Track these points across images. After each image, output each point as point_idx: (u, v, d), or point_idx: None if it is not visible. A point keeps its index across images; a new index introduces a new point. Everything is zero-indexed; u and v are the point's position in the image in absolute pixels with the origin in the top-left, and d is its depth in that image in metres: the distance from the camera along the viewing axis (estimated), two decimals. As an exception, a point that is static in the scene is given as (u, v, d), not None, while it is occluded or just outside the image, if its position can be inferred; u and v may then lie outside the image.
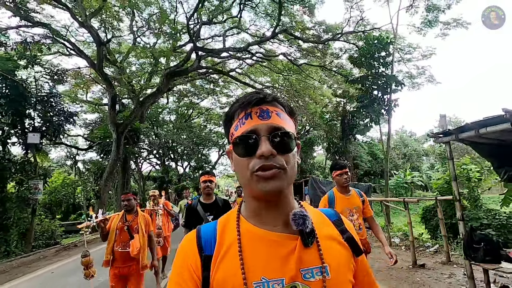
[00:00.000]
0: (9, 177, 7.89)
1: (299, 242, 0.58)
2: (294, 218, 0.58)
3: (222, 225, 0.65)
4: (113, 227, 2.86)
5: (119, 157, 11.82)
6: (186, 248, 0.63)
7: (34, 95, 7.97)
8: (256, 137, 0.57)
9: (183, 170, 27.06)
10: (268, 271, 0.56)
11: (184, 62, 10.40)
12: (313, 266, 0.58)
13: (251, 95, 0.62)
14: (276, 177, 0.56)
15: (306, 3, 9.39)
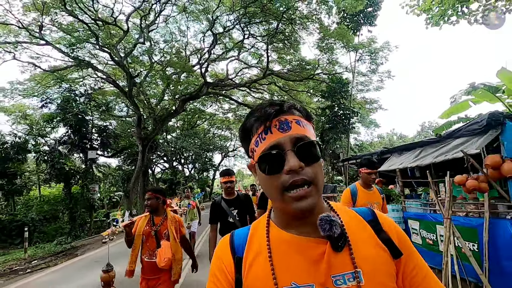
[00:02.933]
0: (75, 182, 11.89)
1: (328, 246, 0.59)
2: (320, 223, 0.59)
3: (253, 229, 0.69)
4: (138, 231, 2.67)
5: (144, 164, 15.82)
6: (221, 250, 0.69)
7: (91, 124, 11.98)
8: (280, 152, 0.58)
9: (189, 172, 31.16)
10: (297, 276, 0.58)
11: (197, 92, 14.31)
12: (344, 272, 0.57)
13: (267, 107, 0.62)
14: (308, 196, 0.57)
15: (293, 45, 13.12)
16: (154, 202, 2.71)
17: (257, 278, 0.60)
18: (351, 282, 0.56)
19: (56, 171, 11.21)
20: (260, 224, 0.70)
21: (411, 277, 0.61)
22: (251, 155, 0.66)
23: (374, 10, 11.65)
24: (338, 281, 0.57)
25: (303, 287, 0.57)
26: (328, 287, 0.57)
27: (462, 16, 7.73)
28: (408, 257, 0.63)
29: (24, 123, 17.91)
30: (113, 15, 13.53)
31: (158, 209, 2.74)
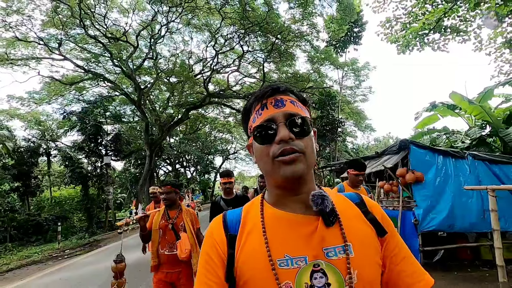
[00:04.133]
0: (92, 184, 13.71)
1: (320, 221, 0.64)
2: (312, 198, 0.65)
3: (246, 210, 0.75)
4: (154, 225, 2.75)
5: (151, 167, 17.63)
6: (213, 228, 0.74)
7: (105, 132, 13.80)
8: (274, 124, 0.65)
9: (191, 175, 32.98)
10: (291, 249, 0.63)
11: (200, 102, 16.12)
12: (335, 245, 0.63)
13: (264, 87, 0.71)
14: (297, 161, 0.63)
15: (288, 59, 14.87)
16: (172, 196, 2.82)
17: (251, 252, 0.65)
18: (341, 254, 0.62)
19: (76, 175, 13.04)
20: (253, 204, 0.75)
21: (392, 255, 0.68)
22: (249, 133, 0.73)
23: (359, 31, 13.40)
24: (329, 253, 0.62)
25: (296, 259, 0.62)
26: (320, 259, 0.61)
27: (425, 45, 9.48)
28: (391, 237, 0.70)
29: (37, 128, 19.79)
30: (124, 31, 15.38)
31: (174, 203, 2.86)
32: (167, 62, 18.26)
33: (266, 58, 14.92)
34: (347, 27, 11.26)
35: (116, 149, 14.00)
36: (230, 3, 12.76)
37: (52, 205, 19.67)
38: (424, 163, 4.83)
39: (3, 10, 13.25)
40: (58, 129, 19.20)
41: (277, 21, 12.02)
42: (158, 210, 2.88)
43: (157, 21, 15.52)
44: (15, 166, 17.14)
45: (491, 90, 8.84)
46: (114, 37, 14.90)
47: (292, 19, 12.31)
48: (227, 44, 16.53)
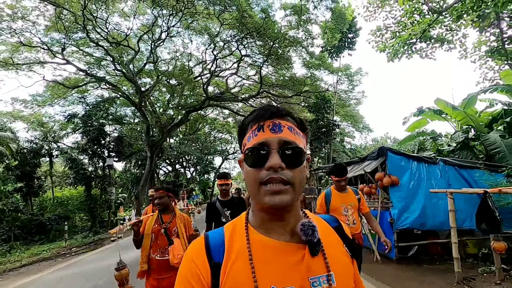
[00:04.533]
0: (95, 185, 14.35)
1: (307, 251, 0.65)
2: (303, 228, 0.66)
3: (229, 232, 0.72)
4: (147, 230, 2.73)
5: (152, 168, 18.25)
6: (195, 254, 0.70)
7: (108, 135, 14.43)
8: (267, 149, 0.65)
9: (191, 175, 33.66)
10: (278, 280, 0.63)
11: (199, 105, 16.76)
12: (320, 275, 0.64)
13: (265, 108, 0.70)
14: (283, 192, 0.63)
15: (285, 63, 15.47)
16: (165, 201, 2.81)
17: (237, 283, 0.63)
18: (325, 284, 0.64)
19: (80, 176, 13.68)
20: (237, 227, 0.73)
21: (356, 277, 0.74)
22: (243, 150, 0.73)
23: (353, 37, 14.00)
24: (315, 283, 0.63)
25: None
26: None
27: (413, 53, 10.08)
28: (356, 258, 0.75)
29: (39, 130, 20.43)
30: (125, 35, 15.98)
31: (168, 208, 2.85)
32: (167, 65, 18.89)
33: (264, 62, 15.53)
34: (340, 35, 11.83)
35: (118, 151, 14.62)
36: (229, 9, 13.34)
37: (54, 205, 20.34)
38: (399, 168, 5.45)
39: (9, 17, 13.84)
40: (61, 130, 19.88)
41: (274, 27, 12.62)
42: (151, 215, 2.85)
43: (158, 25, 16.11)
44: (18, 167, 17.80)
45: (474, 96, 9.43)
46: (115, 41, 15.50)
47: (288, 26, 12.91)
48: (226, 47, 17.14)
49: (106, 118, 14.46)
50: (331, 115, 14.73)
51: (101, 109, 14.32)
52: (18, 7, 13.78)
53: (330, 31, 11.33)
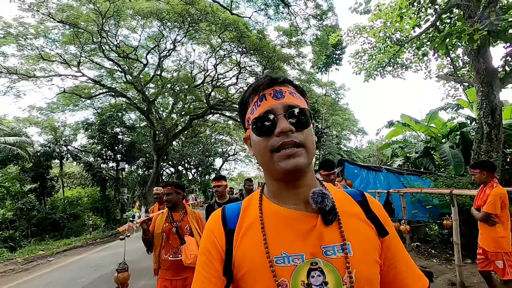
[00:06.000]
0: (109, 186, 16.70)
1: (319, 219, 0.67)
2: (313, 196, 0.67)
3: (245, 204, 0.78)
4: (157, 229, 2.72)
5: (158, 170, 20.61)
6: (212, 222, 0.77)
7: (121, 141, 16.78)
8: (273, 116, 0.67)
9: (192, 176, 36.06)
10: (288, 246, 0.66)
11: (202, 113, 19.11)
12: (334, 244, 0.65)
13: (262, 78, 0.73)
14: (297, 155, 0.65)
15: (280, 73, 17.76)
16: (174, 197, 2.78)
17: (249, 248, 0.68)
18: (340, 253, 0.64)
19: (96, 178, 16.06)
20: (252, 199, 0.78)
21: (392, 257, 0.72)
22: (247, 125, 0.75)
23: (340, 54, 16.22)
24: (328, 252, 0.64)
25: (293, 256, 0.65)
26: (318, 257, 0.64)
27: (385, 74, 12.33)
28: (391, 238, 0.72)
29: (51, 134, 22.80)
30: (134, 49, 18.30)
31: (177, 205, 2.82)
32: (171, 73, 21.21)
33: (262, 72, 17.78)
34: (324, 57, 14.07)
35: (130, 156, 16.98)
36: (229, 29, 15.56)
37: (65, 204, 22.69)
38: (353, 174, 7.74)
39: (32, 35, 16.22)
40: (73, 135, 22.29)
41: (269, 46, 14.89)
42: (161, 212, 2.85)
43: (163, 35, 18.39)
44: (33, 168, 20.28)
45: (435, 112, 11.68)
46: (125, 55, 17.80)
47: (281, 45, 15.19)
48: (226, 56, 19.41)
49: (120, 126, 16.79)
50: (320, 124, 16.96)
51: (114, 118, 16.64)
52: (41, 27, 16.11)
53: (316, 53, 13.57)
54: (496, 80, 6.78)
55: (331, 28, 12.95)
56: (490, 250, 3.22)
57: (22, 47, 16.15)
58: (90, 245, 11.46)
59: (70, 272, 6.99)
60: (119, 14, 15.93)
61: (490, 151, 6.41)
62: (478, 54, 6.86)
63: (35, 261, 8.78)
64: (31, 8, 14.57)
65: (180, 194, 2.85)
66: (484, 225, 3.32)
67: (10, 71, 16.55)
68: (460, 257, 4.27)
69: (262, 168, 0.74)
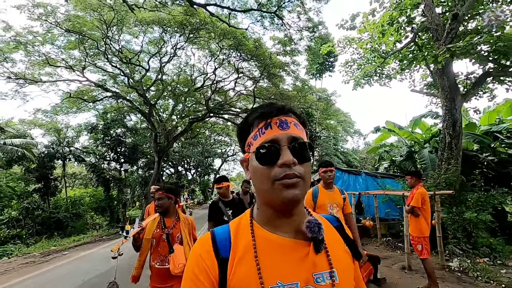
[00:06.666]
0: (113, 186, 17.88)
1: (311, 248, 0.71)
2: (309, 225, 0.72)
3: (234, 229, 0.79)
4: (147, 234, 2.69)
5: (159, 171, 21.79)
6: (202, 249, 0.76)
7: (124, 144, 17.96)
8: (277, 146, 0.70)
9: (192, 176, 37.27)
10: (283, 275, 0.69)
11: (202, 117, 20.29)
12: (323, 271, 0.71)
13: (269, 106, 0.76)
14: (297, 186, 0.69)
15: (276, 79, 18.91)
16: (165, 202, 2.74)
17: (243, 278, 0.69)
18: (328, 280, 0.70)
19: (101, 179, 17.25)
20: (241, 224, 0.79)
21: (357, 279, 0.81)
22: (247, 149, 0.77)
23: (333, 61, 17.37)
24: (318, 279, 0.69)
25: (288, 285, 0.67)
26: (310, 284, 0.68)
27: (372, 83, 13.47)
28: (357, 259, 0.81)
29: (54, 135, 23.97)
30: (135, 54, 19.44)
31: (169, 211, 2.79)
32: (172, 77, 22.39)
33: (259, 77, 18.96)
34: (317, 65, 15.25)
35: (133, 158, 18.15)
36: (227, 37, 16.69)
37: (68, 204, 23.86)
38: (336, 177, 8.89)
39: (39, 42, 17.38)
40: (77, 136, 23.48)
41: (265, 54, 16.05)
42: (153, 218, 2.82)
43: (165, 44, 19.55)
44: (37, 169, 21.46)
45: (418, 119, 12.82)
46: (128, 60, 18.94)
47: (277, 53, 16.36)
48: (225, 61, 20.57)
49: (122, 127, 17.95)
50: (314, 128, 18.11)
51: (118, 122, 17.81)
52: (48, 35, 17.27)
53: (309, 62, 14.73)
54: (458, 96, 7.94)
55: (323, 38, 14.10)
56: (415, 235, 4.40)
57: (30, 54, 17.28)
58: (98, 241, 12.64)
59: (86, 262, 8.17)
60: (123, 22, 17.09)
61: (450, 158, 7.57)
62: (443, 73, 8.01)
63: (51, 254, 9.96)
64: (40, 18, 15.73)
65: (171, 199, 2.79)
66: (412, 217, 4.50)
67: (19, 76, 17.71)
68: (408, 246, 5.45)
69: (257, 194, 0.77)
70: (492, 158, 10.43)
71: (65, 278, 6.63)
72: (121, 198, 17.74)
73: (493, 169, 10.57)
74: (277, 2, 12.77)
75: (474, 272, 5.16)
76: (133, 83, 18.75)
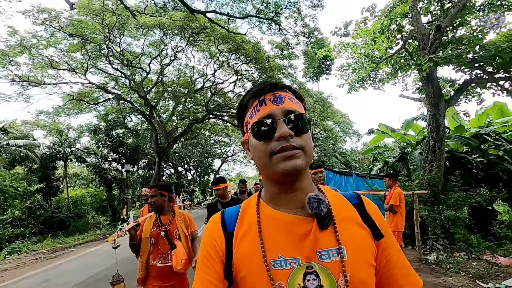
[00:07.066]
0: (115, 187, 18.52)
1: (315, 224, 0.71)
2: (308, 201, 0.71)
3: (244, 208, 0.83)
4: (145, 233, 2.68)
5: (159, 172, 22.44)
6: (212, 226, 0.83)
7: (126, 145, 18.60)
8: (273, 121, 0.71)
9: (192, 176, 37.92)
10: (285, 250, 0.70)
11: (202, 118, 20.93)
12: (329, 248, 0.70)
13: (262, 83, 0.77)
14: (295, 157, 0.69)
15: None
16: (158, 200, 2.73)
17: (247, 251, 0.72)
18: (335, 257, 0.69)
19: (104, 179, 17.89)
20: (250, 203, 0.83)
21: (387, 259, 0.75)
22: (245, 130, 0.79)
23: (329, 64, 18.00)
24: (323, 256, 0.69)
25: (289, 260, 0.69)
26: (313, 261, 0.69)
27: (366, 87, 14.08)
28: (387, 240, 0.77)
29: (56, 136, 24.61)
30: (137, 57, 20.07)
31: (163, 208, 2.78)
32: (172, 80, 23.05)
33: (258, 80, 19.62)
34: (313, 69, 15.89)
35: (134, 158, 18.81)
36: (226, 41, 17.33)
37: (70, 204, 24.49)
38: (328, 178, 9.48)
39: (43, 46, 18.02)
40: (78, 137, 24.12)
41: (263, 57, 16.69)
42: (149, 216, 2.81)
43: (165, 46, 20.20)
44: (39, 169, 22.10)
45: (411, 121, 13.44)
46: (129, 63, 19.58)
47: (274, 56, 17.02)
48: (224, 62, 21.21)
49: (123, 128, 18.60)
50: (312, 130, 18.74)
51: (120, 123, 18.46)
52: (52, 39, 17.91)
53: (305, 66, 15.37)
54: (442, 102, 8.57)
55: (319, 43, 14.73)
56: (392, 230, 5.04)
57: (34, 57, 17.91)
58: (102, 239, 13.28)
59: (93, 258, 8.82)
60: (124, 26, 17.73)
61: (433, 160, 8.20)
62: (428, 80, 8.64)
63: (58, 251, 10.60)
64: (44, 23, 16.36)
65: (165, 196, 2.78)
66: (390, 214, 5.14)
67: (23, 79, 18.35)
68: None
69: (260, 171, 0.79)
70: (481, 159, 11.08)
71: (76, 271, 7.28)
72: (123, 198, 18.37)
73: (482, 170, 11.24)
74: (274, 8, 13.38)
75: (447, 264, 5.80)
76: (134, 85, 19.39)
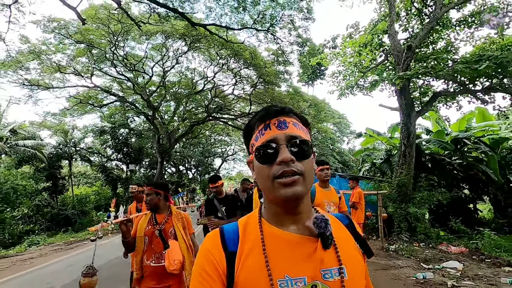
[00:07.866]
0: (120, 185, 19.97)
1: (319, 244, 0.74)
2: (316, 221, 0.74)
3: (243, 226, 0.83)
4: (139, 232, 2.65)
5: (161, 171, 23.89)
6: (210, 244, 0.81)
7: (130, 144, 20.05)
8: (276, 145, 0.75)
9: (192, 175, 39.36)
10: (290, 270, 0.72)
11: (202, 120, 22.35)
12: (332, 267, 0.73)
13: (268, 108, 0.81)
14: (296, 183, 0.72)
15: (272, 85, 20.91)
16: (153, 198, 2.71)
17: (252, 271, 0.73)
18: (336, 276, 0.72)
19: (109, 178, 19.36)
20: (250, 221, 0.84)
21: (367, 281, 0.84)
22: (251, 151, 0.82)
23: (323, 69, 19.29)
24: (326, 275, 0.72)
25: (295, 279, 0.71)
26: (317, 280, 0.71)
27: (355, 93, 15.40)
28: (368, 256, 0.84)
29: (61, 136, 26.07)
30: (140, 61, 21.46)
31: (159, 207, 2.76)
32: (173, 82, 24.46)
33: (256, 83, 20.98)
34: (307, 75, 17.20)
35: (139, 160, 20.26)
36: (225, 48, 18.67)
37: (75, 202, 25.94)
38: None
39: (51, 51, 19.44)
40: (83, 138, 25.60)
41: (260, 62, 18.05)
42: (144, 214, 2.78)
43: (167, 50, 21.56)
44: (46, 168, 23.61)
45: (396, 126, 14.76)
46: (132, 67, 20.95)
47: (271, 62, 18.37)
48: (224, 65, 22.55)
49: (127, 128, 20.02)
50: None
51: (125, 125, 19.89)
52: (60, 45, 19.33)
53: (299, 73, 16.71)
54: (413, 112, 9.91)
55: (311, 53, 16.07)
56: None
57: (43, 62, 19.34)
58: (110, 233, 14.74)
59: (106, 249, 10.25)
60: (129, 33, 19.11)
61: (404, 164, 9.56)
62: (401, 93, 9.98)
63: (73, 244, 12.07)
64: (53, 31, 17.78)
65: (160, 194, 2.76)
66: (353, 209, 6.54)
67: (32, 83, 19.80)
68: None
69: (263, 193, 0.82)
70: (461, 161, 12.40)
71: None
72: (128, 196, 19.80)
73: (461, 171, 12.58)
74: (269, 20, 14.72)
75: (402, 251, 7.20)
76: (137, 88, 20.78)
